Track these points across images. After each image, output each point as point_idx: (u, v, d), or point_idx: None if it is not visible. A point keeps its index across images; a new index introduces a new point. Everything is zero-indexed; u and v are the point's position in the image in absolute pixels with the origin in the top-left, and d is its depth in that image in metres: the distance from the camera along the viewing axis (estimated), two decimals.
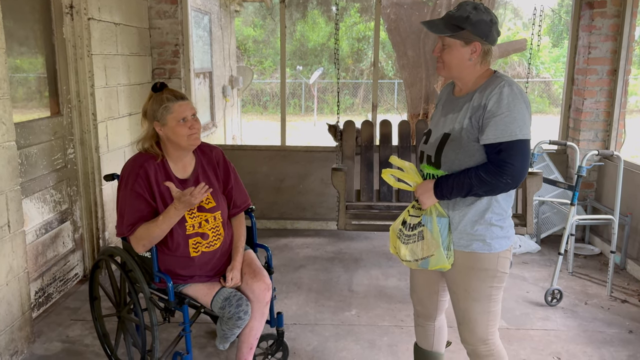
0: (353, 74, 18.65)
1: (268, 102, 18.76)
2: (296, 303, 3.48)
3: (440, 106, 2.11)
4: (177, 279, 2.42)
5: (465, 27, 1.88)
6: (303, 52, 18.51)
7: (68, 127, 3.56)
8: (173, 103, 2.31)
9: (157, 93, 2.34)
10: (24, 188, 3.07)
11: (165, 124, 2.30)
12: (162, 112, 2.29)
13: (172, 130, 2.30)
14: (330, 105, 18.06)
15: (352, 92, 18.32)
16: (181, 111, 2.31)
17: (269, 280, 2.47)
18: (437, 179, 1.95)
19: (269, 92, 18.98)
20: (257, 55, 19.01)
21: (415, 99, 5.84)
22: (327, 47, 17.86)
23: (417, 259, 2.00)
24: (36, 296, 3.22)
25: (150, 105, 2.33)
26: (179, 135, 2.30)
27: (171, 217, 2.28)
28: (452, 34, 1.89)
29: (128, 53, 4.18)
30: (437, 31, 1.93)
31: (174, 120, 2.29)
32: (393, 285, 3.76)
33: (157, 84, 2.35)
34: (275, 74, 19.05)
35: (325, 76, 18.02)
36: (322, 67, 16.82)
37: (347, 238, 4.77)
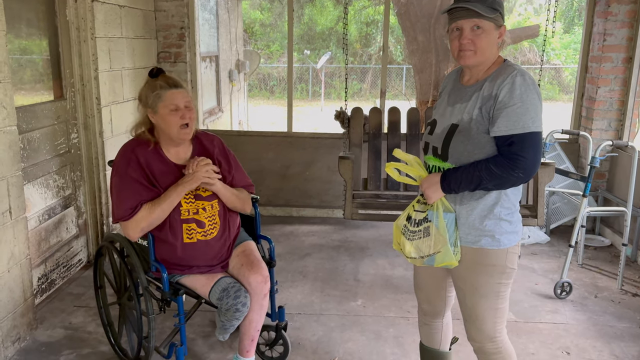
0: (361, 59, 18.46)
1: (275, 87, 18.65)
2: (301, 292, 3.45)
3: (446, 95, 2.02)
4: (175, 268, 2.38)
5: (498, 9, 1.81)
6: (311, 36, 18.32)
7: (71, 111, 3.51)
8: (165, 91, 2.25)
9: (152, 79, 2.28)
10: (27, 173, 3.03)
11: (156, 112, 2.26)
12: (153, 99, 2.25)
13: (163, 119, 2.25)
14: (337, 90, 17.92)
15: (360, 77, 18.15)
16: (172, 99, 2.25)
17: (267, 272, 2.41)
18: (444, 172, 1.88)
19: (276, 76, 18.86)
20: (264, 39, 18.85)
21: (424, 85, 5.74)
22: (335, 31, 17.66)
23: (422, 256, 1.94)
24: (39, 282, 3.20)
25: (144, 91, 2.29)
26: (170, 124, 2.25)
27: (174, 193, 2.24)
28: (492, 16, 1.80)
29: (133, 36, 4.11)
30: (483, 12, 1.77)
31: (165, 108, 2.24)
32: (399, 275, 3.71)
33: (153, 69, 2.30)
34: (283, 58, 18.89)
35: (333, 61, 17.85)
36: (330, 52, 16.65)
37: (354, 226, 4.72)
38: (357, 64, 18.17)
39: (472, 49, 1.83)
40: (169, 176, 2.32)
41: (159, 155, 2.33)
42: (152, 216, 2.25)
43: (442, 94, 2.07)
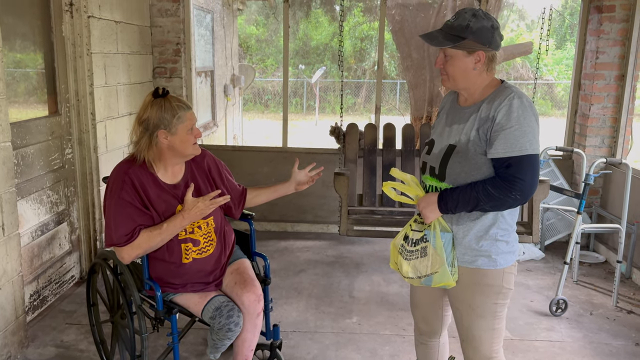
0: (355, 74, 18.57)
1: (270, 101, 18.69)
2: (296, 309, 3.42)
3: (444, 115, 2.04)
4: (168, 287, 2.35)
5: (466, 37, 1.81)
6: (305, 51, 18.43)
7: (66, 126, 3.50)
8: (185, 112, 2.22)
9: (160, 99, 2.22)
10: (20, 189, 3.01)
11: (175, 133, 2.20)
12: (174, 122, 2.18)
13: (181, 139, 2.22)
14: (332, 105, 17.98)
15: (354, 91, 18.24)
16: (191, 120, 2.25)
17: (260, 290, 2.39)
18: (441, 192, 1.88)
19: (271, 90, 18.91)
20: (259, 54, 18.94)
21: (419, 101, 5.77)
22: (330, 46, 17.78)
23: (420, 276, 1.93)
24: (31, 299, 3.16)
25: (155, 113, 2.19)
26: (187, 144, 2.24)
27: (176, 225, 2.22)
28: (454, 45, 1.82)
29: (128, 51, 4.11)
30: (437, 44, 1.85)
31: (185, 129, 2.21)
32: (395, 292, 3.70)
33: (159, 89, 2.25)
34: (277, 72, 18.97)
35: (327, 75, 17.94)
36: (325, 67, 16.74)
37: (348, 242, 4.71)
38: (351, 78, 18.26)
39: (445, 74, 1.90)
40: (163, 198, 2.29)
41: (152, 175, 2.29)
42: (150, 245, 2.21)
43: (440, 113, 2.08)
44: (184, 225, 2.24)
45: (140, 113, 2.24)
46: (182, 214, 2.21)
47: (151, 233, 2.20)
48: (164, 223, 2.22)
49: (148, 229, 2.22)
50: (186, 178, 2.37)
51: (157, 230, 2.21)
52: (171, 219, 2.23)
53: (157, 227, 2.21)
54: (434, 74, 5.67)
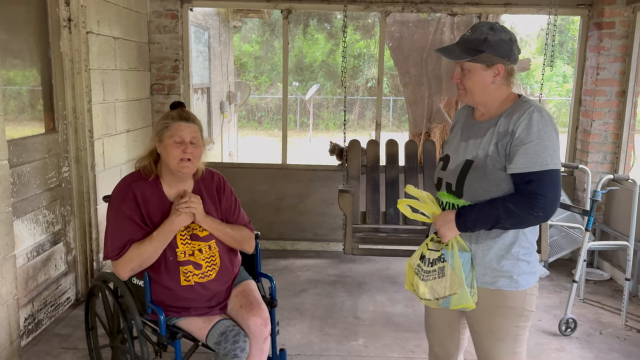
0: (349, 91, 18.61)
1: (263, 117, 18.68)
2: (299, 331, 3.33)
3: (459, 130, 1.98)
4: (171, 311, 2.26)
5: (484, 50, 1.77)
6: (299, 68, 18.48)
7: (63, 144, 3.41)
8: (174, 122, 2.20)
9: (170, 110, 2.26)
10: (16, 208, 2.91)
11: (162, 141, 2.20)
12: (161, 128, 2.21)
13: (166, 149, 2.19)
14: (325, 121, 17.98)
15: (348, 108, 18.19)
16: (178, 131, 2.18)
17: (267, 314, 2.31)
18: (459, 210, 1.82)
19: (264, 107, 18.91)
20: (253, 71, 18.96)
21: (418, 117, 5.75)
22: (326, 63, 17.83)
23: (437, 298, 1.86)
24: (25, 323, 3.04)
25: (157, 121, 2.28)
26: (170, 155, 2.18)
27: (166, 230, 2.16)
28: (472, 58, 1.78)
29: (127, 68, 4.05)
30: (455, 57, 1.81)
31: (170, 139, 2.18)
32: (400, 312, 3.61)
33: (175, 102, 2.28)
34: (271, 89, 19.00)
35: (321, 92, 17.97)
36: (318, 83, 16.77)
37: (349, 260, 4.63)
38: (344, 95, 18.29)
39: (462, 89, 1.85)
40: (163, 214, 2.23)
41: (158, 191, 2.24)
42: (143, 256, 2.16)
43: (454, 129, 2.03)
44: (174, 229, 2.19)
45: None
46: (170, 217, 2.18)
47: (141, 244, 2.16)
48: (154, 231, 2.18)
49: (139, 241, 2.17)
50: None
51: (147, 239, 2.17)
52: (161, 226, 2.18)
53: (149, 236, 2.17)
54: (432, 90, 5.65)
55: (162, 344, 2.26)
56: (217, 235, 2.29)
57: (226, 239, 2.31)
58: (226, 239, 2.32)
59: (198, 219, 2.23)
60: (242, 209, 2.46)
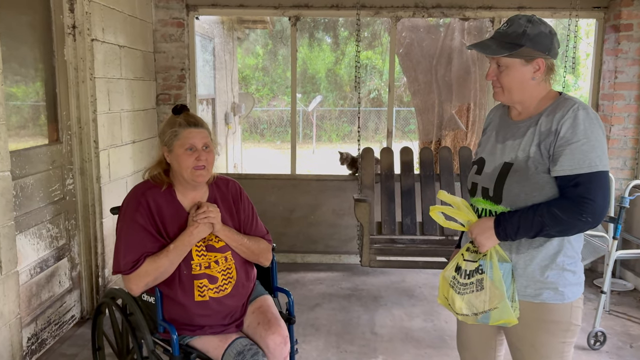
0: (351, 102, 18.55)
1: (265, 130, 18.60)
2: (316, 348, 3.17)
3: (493, 131, 1.85)
4: (184, 329, 2.12)
5: (523, 44, 1.64)
6: (301, 81, 18.44)
7: (67, 155, 3.29)
8: (183, 129, 2.06)
9: (174, 116, 2.10)
10: (18, 222, 2.77)
11: (171, 151, 2.07)
12: (170, 137, 2.07)
13: (177, 159, 2.06)
14: (328, 133, 17.89)
15: (350, 119, 18.19)
16: (189, 138, 2.05)
17: (286, 331, 2.16)
18: (497, 217, 1.69)
19: (266, 119, 18.85)
20: (255, 83, 18.92)
21: (427, 125, 5.63)
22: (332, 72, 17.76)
23: (476, 313, 1.71)
24: (28, 343, 2.89)
25: (163, 127, 2.12)
26: (183, 165, 2.05)
27: (184, 243, 2.03)
28: (510, 53, 1.65)
29: (132, 77, 3.94)
30: (492, 52, 1.68)
31: (180, 147, 2.05)
32: (419, 327, 3.45)
33: (177, 105, 2.12)
34: (273, 101, 18.94)
35: (324, 104, 17.90)
36: (321, 95, 16.71)
37: (363, 273, 4.47)
38: (347, 106, 18.24)
39: (499, 87, 1.72)
40: (179, 224, 2.10)
41: (172, 200, 2.11)
42: (159, 270, 2.02)
43: (487, 130, 1.89)
44: (192, 241, 2.05)
45: (160, 129, 2.13)
46: (188, 229, 2.04)
47: (157, 257, 2.02)
48: (171, 244, 2.03)
49: (155, 254, 2.03)
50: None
51: (163, 252, 2.02)
52: (178, 238, 2.04)
53: (165, 249, 2.03)
54: (442, 97, 5.54)
55: None
56: (234, 246, 2.15)
57: (243, 250, 2.18)
58: (243, 251, 2.18)
59: (217, 229, 2.10)
60: (259, 219, 2.33)
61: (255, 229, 2.28)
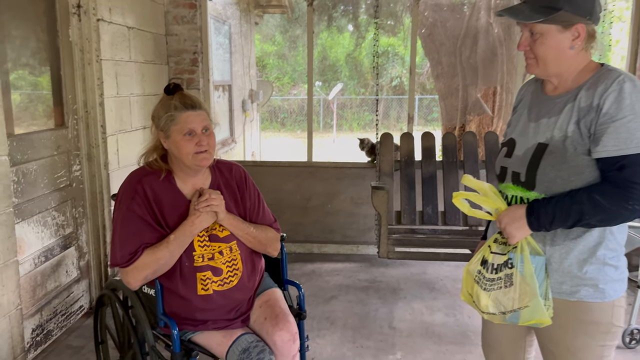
0: (372, 90, 18.27)
1: (286, 119, 18.46)
2: (330, 343, 3.02)
3: (525, 109, 1.64)
4: (186, 324, 1.98)
5: (561, 7, 1.43)
6: (321, 69, 18.22)
7: (73, 140, 3.17)
8: (180, 113, 1.89)
9: (168, 97, 1.93)
10: (21, 210, 2.67)
11: (169, 137, 1.90)
12: (166, 122, 1.89)
13: (176, 145, 1.89)
14: (349, 122, 17.67)
15: (371, 107, 17.93)
16: (187, 122, 1.89)
17: (295, 328, 2.00)
18: (530, 204, 1.49)
19: (287, 108, 18.70)
20: (275, 72, 18.77)
21: (450, 111, 5.39)
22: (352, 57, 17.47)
23: (504, 312, 1.53)
24: (33, 334, 2.79)
25: (157, 110, 1.94)
26: (183, 151, 1.89)
27: (186, 233, 1.87)
28: (546, 19, 1.45)
29: (142, 60, 3.80)
30: (525, 18, 1.47)
31: (179, 133, 1.88)
32: (440, 322, 3.27)
33: (170, 84, 1.94)
34: (293, 90, 18.77)
35: (344, 92, 17.66)
36: (342, 83, 16.48)
37: (381, 264, 4.30)
38: (368, 94, 17.97)
39: (532, 57, 1.51)
40: (179, 213, 1.94)
41: (171, 187, 1.96)
42: (158, 263, 1.87)
43: (519, 107, 1.69)
44: (194, 231, 1.89)
45: (153, 109, 1.96)
46: (189, 218, 1.89)
47: (156, 248, 1.87)
48: (171, 234, 1.88)
49: (154, 245, 1.88)
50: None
51: (162, 243, 1.87)
52: (179, 228, 1.89)
53: (164, 240, 1.88)
54: (467, 81, 5.29)
55: None
56: (239, 235, 2.00)
57: (250, 240, 2.02)
58: (250, 241, 2.03)
59: (220, 217, 1.94)
60: (266, 206, 2.16)
61: (262, 216, 2.12)
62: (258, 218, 2.10)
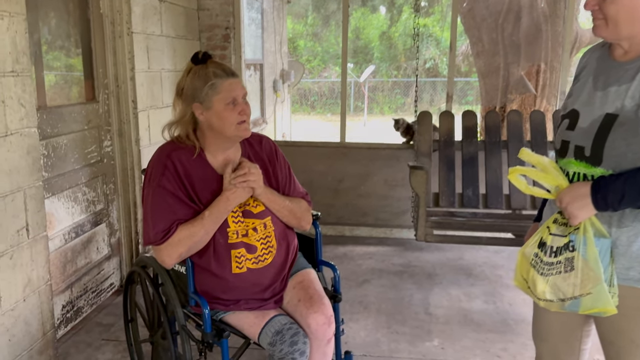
0: (405, 72, 17.93)
1: (316, 102, 18.32)
2: (364, 328, 2.91)
3: (589, 77, 1.48)
4: (218, 303, 1.89)
5: None
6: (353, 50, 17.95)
7: (104, 115, 3.12)
8: (222, 80, 1.79)
9: (199, 66, 1.82)
10: (51, 185, 2.63)
11: (209, 107, 1.79)
12: (207, 92, 1.78)
13: (218, 116, 1.79)
14: (380, 105, 17.40)
15: (404, 91, 17.62)
16: (231, 90, 1.79)
17: (331, 311, 1.90)
18: (595, 181, 1.34)
19: (317, 91, 18.54)
20: (306, 54, 18.59)
21: (491, 90, 5.17)
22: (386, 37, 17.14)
23: (563, 299, 1.39)
24: (63, 311, 2.77)
25: (189, 82, 1.81)
26: (226, 121, 1.79)
27: (220, 210, 1.78)
28: None
29: (174, 35, 3.72)
30: None
31: (222, 102, 1.78)
32: (479, 309, 3.13)
33: (198, 53, 1.83)
34: (324, 72, 18.57)
35: (376, 74, 17.38)
36: (374, 65, 16.20)
37: (416, 248, 4.16)
38: (400, 77, 17.65)
39: (600, 18, 1.35)
40: (211, 189, 1.85)
41: (201, 161, 1.87)
42: (193, 239, 1.78)
43: (582, 75, 1.53)
44: (229, 208, 1.80)
45: (179, 82, 1.85)
46: (224, 194, 1.79)
47: (191, 225, 1.77)
48: (206, 211, 1.79)
49: (188, 221, 1.78)
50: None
51: (197, 220, 1.78)
52: (213, 204, 1.79)
53: (199, 217, 1.79)
54: (508, 59, 5.06)
55: (208, 342, 1.90)
56: (275, 210, 1.90)
57: (285, 214, 1.93)
58: (285, 215, 1.93)
59: (258, 192, 1.85)
60: (296, 179, 2.08)
61: (294, 189, 2.03)
62: (290, 191, 2.01)
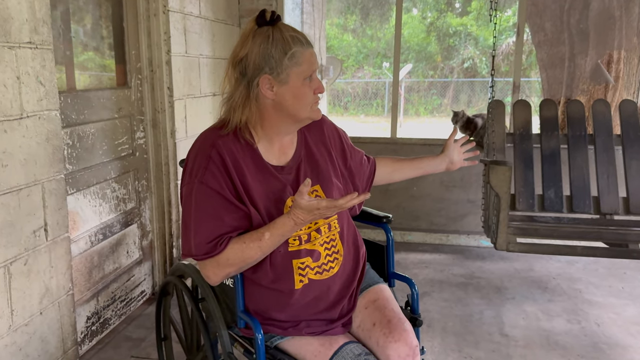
0: (442, 72, 17.39)
1: (349, 103, 17.96)
2: (430, 349, 2.50)
3: None
4: (273, 325, 1.50)
5: None
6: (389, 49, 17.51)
7: (137, 103, 2.78)
8: (304, 49, 1.38)
9: (268, 27, 1.39)
10: (76, 179, 2.29)
11: (285, 82, 1.38)
12: (285, 62, 1.36)
13: (294, 93, 1.39)
14: (415, 106, 16.91)
15: (440, 91, 17.10)
16: (313, 63, 1.40)
17: (415, 339, 1.50)
18: None
19: (350, 92, 18.17)
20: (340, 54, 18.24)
21: (554, 83, 4.70)
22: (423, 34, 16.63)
23: None
24: (87, 323, 2.43)
25: (258, 48, 1.37)
26: (303, 101, 1.41)
27: (285, 234, 1.37)
28: None
29: (213, 18, 3.38)
30: None
31: (300, 76, 1.38)
32: (563, 330, 2.68)
33: (265, 12, 1.40)
34: (358, 72, 18.19)
35: (412, 75, 16.89)
36: (411, 64, 15.74)
37: (477, 257, 3.72)
38: (437, 77, 17.12)
39: None
40: (265, 186, 1.45)
41: (252, 151, 1.46)
42: (246, 261, 1.39)
43: None
44: (295, 231, 1.37)
45: (237, 49, 1.42)
46: (293, 217, 1.33)
47: (245, 245, 1.37)
48: (266, 231, 1.37)
49: (242, 237, 1.38)
50: (297, 156, 1.52)
51: (254, 241, 1.36)
52: (276, 224, 1.37)
53: (256, 236, 1.37)
54: (574, 50, 4.58)
55: None
56: None
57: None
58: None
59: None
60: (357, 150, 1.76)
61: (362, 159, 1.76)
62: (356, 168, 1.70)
